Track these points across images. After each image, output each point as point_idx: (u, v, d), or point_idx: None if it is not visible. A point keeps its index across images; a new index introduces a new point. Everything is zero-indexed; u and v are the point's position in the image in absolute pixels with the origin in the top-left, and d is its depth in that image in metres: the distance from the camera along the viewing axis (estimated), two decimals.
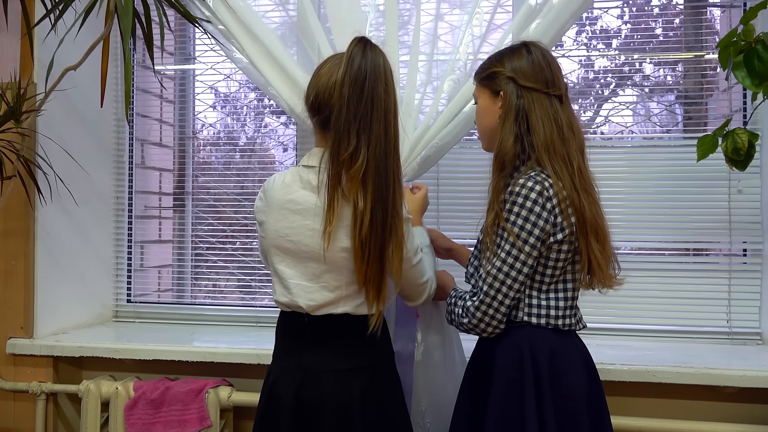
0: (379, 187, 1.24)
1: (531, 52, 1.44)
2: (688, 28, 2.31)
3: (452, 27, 2.07)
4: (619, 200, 2.17)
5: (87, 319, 2.34)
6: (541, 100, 1.39)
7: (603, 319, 2.16)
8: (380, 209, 1.24)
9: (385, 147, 1.25)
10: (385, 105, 1.25)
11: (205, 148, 2.63)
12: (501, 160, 1.39)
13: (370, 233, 1.24)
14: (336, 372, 1.33)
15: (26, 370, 2.10)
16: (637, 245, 2.22)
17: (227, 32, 1.97)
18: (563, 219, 1.33)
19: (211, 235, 2.52)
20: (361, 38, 1.30)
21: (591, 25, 2.35)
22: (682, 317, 2.13)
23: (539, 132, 1.37)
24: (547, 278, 1.38)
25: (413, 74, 1.86)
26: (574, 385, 1.36)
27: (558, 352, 1.37)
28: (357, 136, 1.23)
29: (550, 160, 1.35)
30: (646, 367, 1.76)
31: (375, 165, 1.24)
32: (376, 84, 1.24)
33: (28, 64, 2.02)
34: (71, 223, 2.24)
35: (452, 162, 2.20)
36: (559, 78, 1.44)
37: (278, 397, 1.36)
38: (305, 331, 1.36)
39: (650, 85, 2.31)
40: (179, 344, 2.05)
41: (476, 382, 1.46)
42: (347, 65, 1.26)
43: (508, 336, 1.39)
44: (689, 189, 2.13)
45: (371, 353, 1.37)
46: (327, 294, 1.33)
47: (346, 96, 1.24)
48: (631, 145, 2.25)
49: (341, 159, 1.24)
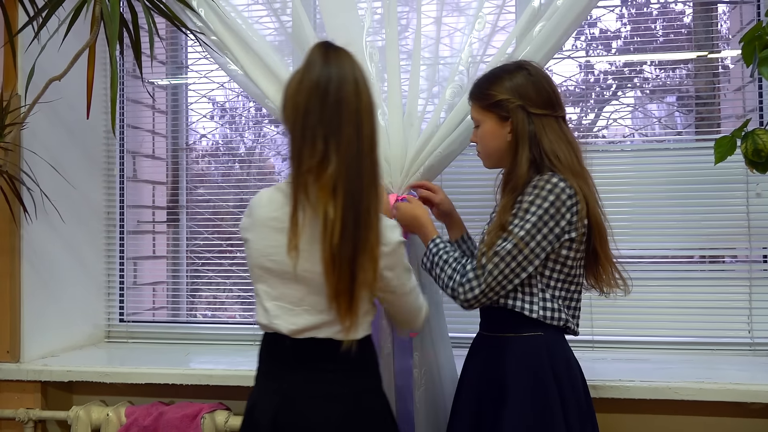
0: (351, 192, 1.16)
1: (532, 74, 1.43)
2: (698, 26, 2.24)
3: (454, 30, 1.99)
4: (630, 206, 2.09)
5: (77, 341, 2.24)
6: (551, 125, 1.41)
7: (618, 331, 2.08)
8: (352, 215, 1.15)
9: (358, 147, 1.17)
10: (356, 106, 1.18)
11: (203, 159, 2.55)
12: (515, 184, 1.40)
13: (341, 242, 1.15)
14: (315, 398, 1.25)
15: (13, 396, 2.00)
16: (651, 253, 2.13)
17: (220, 43, 1.89)
18: (578, 219, 1.36)
19: (207, 250, 2.43)
20: (321, 43, 1.23)
21: (590, 27, 2.27)
22: (701, 328, 2.04)
23: (560, 157, 1.39)
24: (557, 274, 1.39)
25: (415, 81, 1.78)
26: (580, 390, 1.41)
27: (570, 361, 1.42)
28: (324, 142, 1.16)
29: (574, 180, 1.38)
30: (667, 383, 1.66)
31: (347, 169, 1.16)
32: (341, 86, 1.17)
33: (11, 75, 1.94)
34: (60, 241, 2.14)
35: (455, 170, 2.11)
36: (560, 97, 1.45)
37: (256, 423, 1.29)
38: (287, 355, 1.28)
39: (658, 86, 2.23)
40: (173, 366, 1.96)
41: (481, 394, 1.42)
42: (304, 73, 1.20)
43: (522, 351, 1.38)
44: (704, 193, 2.05)
45: (355, 380, 1.29)
46: (309, 318, 1.25)
47: (302, 104, 1.18)
48: (641, 149, 2.17)
49: (306, 168, 1.17)
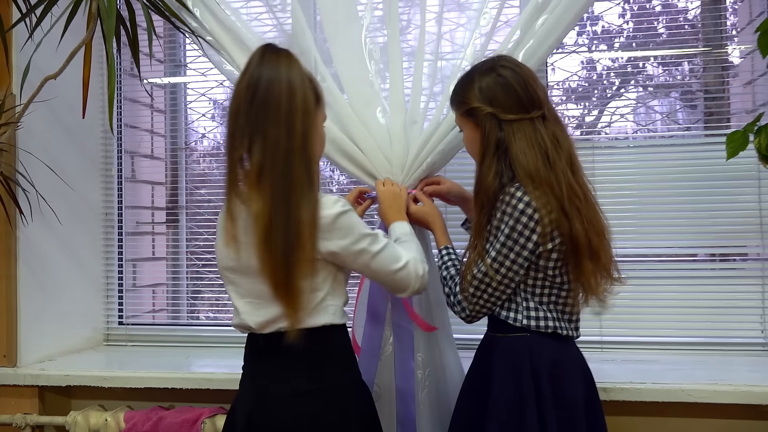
0: (279, 188, 1.18)
1: (501, 75, 1.35)
2: (706, 19, 2.19)
3: (456, 26, 1.94)
4: (636, 203, 2.04)
5: (76, 344, 2.20)
6: (523, 129, 1.32)
7: (627, 331, 2.03)
8: (282, 210, 1.17)
9: (287, 145, 1.18)
10: (287, 107, 1.19)
11: (203, 158, 2.51)
12: (481, 200, 1.35)
13: (269, 236, 1.17)
14: (284, 396, 1.26)
15: (10, 402, 1.96)
16: (660, 251, 2.08)
17: (216, 43, 1.85)
18: (543, 233, 1.28)
19: (207, 251, 2.39)
20: (261, 46, 1.26)
21: (592, 25, 2.23)
22: (712, 328, 1.99)
23: (521, 162, 1.30)
24: (540, 282, 1.33)
25: (418, 77, 1.74)
26: (573, 396, 1.33)
27: (558, 361, 1.34)
28: (249, 139, 1.20)
29: (533, 189, 1.28)
30: (680, 385, 1.62)
31: (272, 166, 1.18)
32: (270, 87, 1.20)
33: (5, 73, 1.90)
34: (57, 242, 2.10)
35: (457, 168, 2.07)
36: (537, 93, 1.35)
37: (233, 425, 1.31)
38: (261, 353, 1.30)
39: (662, 82, 2.19)
40: (173, 370, 1.92)
41: (474, 397, 1.40)
42: (241, 75, 1.24)
43: (507, 347, 1.35)
44: (714, 189, 2.00)
45: (326, 373, 1.28)
46: (270, 310, 1.26)
47: (234, 104, 1.22)
48: (648, 145, 2.12)
49: (236, 165, 1.22)
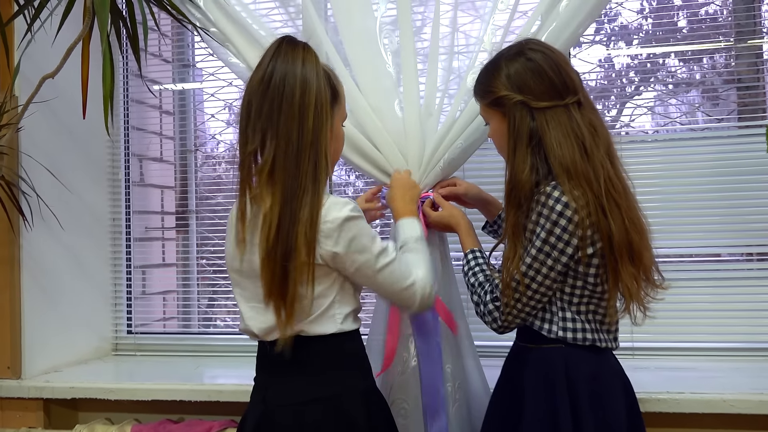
0: (289, 185, 1.14)
1: (531, 59, 1.23)
2: (739, 10, 2.08)
3: (474, 18, 1.85)
4: (668, 200, 1.93)
5: (83, 354, 2.13)
6: (557, 118, 1.20)
7: (659, 337, 1.91)
8: (288, 211, 1.13)
9: (297, 142, 1.15)
10: (300, 102, 1.16)
11: (214, 161, 2.43)
12: (517, 197, 1.21)
13: (277, 237, 1.13)
14: (290, 406, 1.20)
15: (15, 415, 1.89)
16: (693, 251, 1.96)
17: (221, 35, 1.77)
18: (583, 234, 1.17)
19: (218, 257, 2.31)
20: (278, 39, 1.22)
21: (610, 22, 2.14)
22: (751, 332, 1.87)
23: (557, 153, 1.19)
24: (578, 290, 1.22)
25: (433, 69, 1.64)
26: (615, 411, 1.22)
27: (597, 374, 1.23)
28: (262, 133, 1.16)
29: (570, 185, 1.17)
30: (721, 395, 1.50)
31: (284, 162, 1.14)
32: (284, 81, 1.16)
33: (5, 74, 1.84)
34: (62, 249, 2.03)
35: (476, 165, 1.97)
36: (571, 77, 1.23)
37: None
38: (268, 361, 1.25)
39: (685, 78, 2.07)
40: (182, 381, 1.84)
41: (505, 412, 1.30)
42: (256, 68, 1.21)
43: (539, 358, 1.25)
44: (750, 185, 1.89)
45: (333, 381, 1.21)
46: (272, 316, 1.17)
47: (247, 98, 1.19)
48: (678, 138, 2.01)
49: (248, 161, 1.18)
